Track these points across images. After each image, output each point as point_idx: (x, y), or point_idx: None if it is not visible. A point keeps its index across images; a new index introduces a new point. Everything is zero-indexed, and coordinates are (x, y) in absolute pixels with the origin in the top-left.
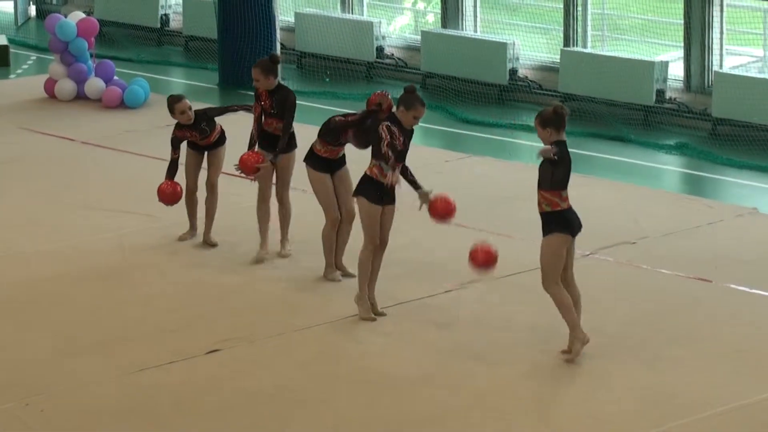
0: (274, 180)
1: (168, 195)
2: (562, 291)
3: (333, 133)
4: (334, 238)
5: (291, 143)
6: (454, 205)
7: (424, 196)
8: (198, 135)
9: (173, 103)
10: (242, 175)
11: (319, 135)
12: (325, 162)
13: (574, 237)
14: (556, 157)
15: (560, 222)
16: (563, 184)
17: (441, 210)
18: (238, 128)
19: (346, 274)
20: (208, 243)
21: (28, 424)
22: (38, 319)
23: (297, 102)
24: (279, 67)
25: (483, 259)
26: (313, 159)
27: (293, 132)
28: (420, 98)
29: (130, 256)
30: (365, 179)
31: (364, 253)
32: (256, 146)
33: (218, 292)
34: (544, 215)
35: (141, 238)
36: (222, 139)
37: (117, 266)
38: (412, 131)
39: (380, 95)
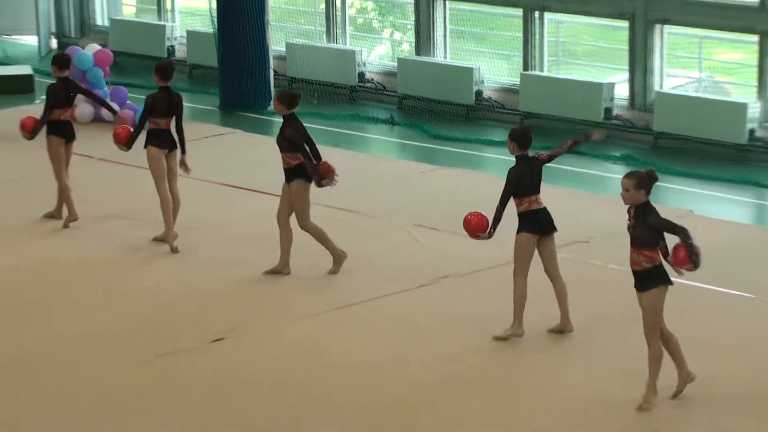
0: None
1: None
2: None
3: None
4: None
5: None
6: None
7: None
8: None
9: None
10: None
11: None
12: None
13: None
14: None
15: (661, 275)
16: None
17: (474, 224)
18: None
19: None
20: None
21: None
22: (51, 313)
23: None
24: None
25: (476, 224)
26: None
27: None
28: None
29: (141, 256)
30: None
31: (516, 283)
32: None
33: (221, 289)
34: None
35: (153, 243)
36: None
37: (128, 265)
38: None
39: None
